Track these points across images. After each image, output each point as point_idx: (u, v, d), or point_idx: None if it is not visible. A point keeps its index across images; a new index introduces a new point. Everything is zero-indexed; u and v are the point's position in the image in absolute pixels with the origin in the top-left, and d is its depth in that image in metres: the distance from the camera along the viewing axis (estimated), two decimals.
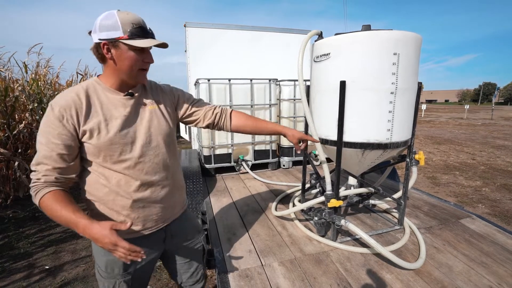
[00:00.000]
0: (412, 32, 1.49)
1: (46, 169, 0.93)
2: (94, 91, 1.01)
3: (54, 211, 0.90)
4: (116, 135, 0.99)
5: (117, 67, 0.98)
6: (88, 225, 0.87)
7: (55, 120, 0.92)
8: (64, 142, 0.93)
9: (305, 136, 1.40)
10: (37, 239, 3.01)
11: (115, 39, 0.92)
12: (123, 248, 0.85)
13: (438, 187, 4.72)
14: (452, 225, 1.96)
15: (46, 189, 0.92)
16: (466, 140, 9.69)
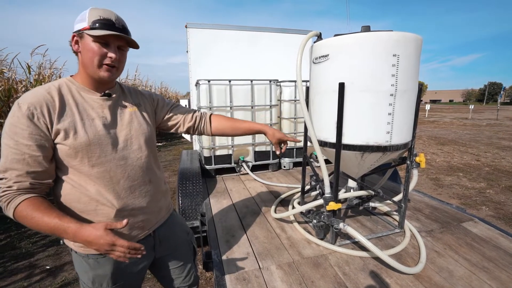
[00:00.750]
0: (413, 32, 1.47)
1: (18, 175, 0.83)
2: (67, 90, 0.94)
3: (34, 220, 0.81)
4: (95, 136, 0.93)
5: (82, 60, 0.93)
6: (79, 228, 0.81)
7: (25, 119, 0.83)
8: (37, 143, 0.84)
9: (286, 137, 1.37)
10: (38, 239, 3.03)
11: (80, 30, 0.89)
12: (122, 247, 0.81)
13: (441, 188, 4.67)
14: (453, 229, 1.93)
15: (20, 197, 0.83)
16: (470, 141, 9.58)
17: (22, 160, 0.83)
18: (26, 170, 0.84)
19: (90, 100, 0.96)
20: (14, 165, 0.83)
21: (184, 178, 2.47)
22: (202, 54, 3.84)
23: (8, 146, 0.83)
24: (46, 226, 0.81)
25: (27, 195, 0.84)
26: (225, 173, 3.36)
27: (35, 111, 0.84)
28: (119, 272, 1.04)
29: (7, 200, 0.83)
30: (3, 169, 0.84)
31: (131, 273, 1.09)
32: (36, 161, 0.85)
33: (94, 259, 1.00)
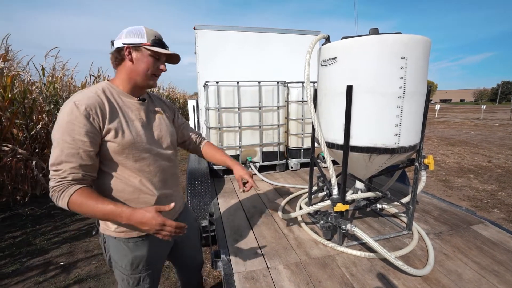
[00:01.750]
0: (422, 31, 1.48)
1: (72, 167, 0.94)
2: (110, 94, 1.07)
3: (90, 207, 0.93)
4: (137, 135, 1.08)
5: (134, 69, 1.07)
6: (133, 212, 0.94)
7: (82, 118, 0.94)
8: (91, 140, 0.96)
9: (246, 175, 1.44)
10: (52, 236, 3.13)
11: (139, 44, 1.04)
12: (170, 226, 0.94)
13: (451, 190, 4.60)
14: (463, 231, 1.92)
15: (74, 187, 0.94)
16: (482, 142, 9.38)
17: (77, 154, 0.94)
18: (80, 163, 0.95)
19: (129, 103, 1.11)
20: (69, 158, 0.94)
21: (192, 178, 2.52)
22: (210, 55, 3.89)
23: (64, 141, 0.93)
24: (100, 212, 0.93)
25: (79, 185, 0.95)
26: (233, 174, 3.39)
27: (91, 111, 0.96)
28: (152, 255, 1.20)
29: (61, 190, 0.93)
30: (58, 161, 0.94)
31: (160, 255, 1.27)
32: (88, 156, 0.97)
33: (133, 243, 1.15)
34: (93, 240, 3.05)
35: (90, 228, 3.33)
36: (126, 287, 1.22)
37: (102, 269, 2.54)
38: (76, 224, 3.43)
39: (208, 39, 3.83)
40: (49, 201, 4.13)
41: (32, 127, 4.29)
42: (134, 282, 1.20)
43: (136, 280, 1.20)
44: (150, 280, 1.23)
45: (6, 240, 3.03)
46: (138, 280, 1.20)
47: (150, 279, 1.23)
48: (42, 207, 3.92)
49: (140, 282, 1.21)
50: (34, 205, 3.91)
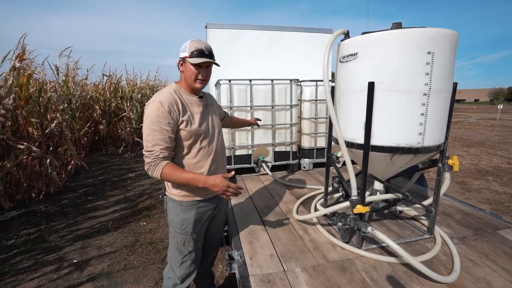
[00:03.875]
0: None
1: (161, 148, 1.29)
2: (179, 93, 1.39)
3: (176, 175, 1.28)
4: (200, 126, 1.40)
5: (185, 76, 1.39)
6: (206, 178, 1.29)
7: (166, 113, 1.28)
8: (171, 128, 1.31)
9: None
10: (66, 234, 3.16)
11: (184, 58, 1.36)
12: (232, 188, 1.29)
13: (469, 193, 4.44)
14: (489, 236, 1.82)
15: (164, 162, 1.29)
16: (499, 143, 9.05)
17: (163, 139, 1.29)
18: (166, 146, 1.30)
19: (191, 100, 1.43)
20: (159, 142, 1.29)
21: None
22: (222, 54, 3.85)
23: (154, 130, 1.28)
24: (184, 178, 1.29)
25: (166, 161, 1.31)
26: (245, 173, 3.36)
27: (172, 108, 1.31)
28: (197, 219, 1.48)
29: (155, 164, 1.28)
30: (151, 145, 1.29)
31: (204, 222, 1.53)
32: (171, 140, 1.32)
33: (185, 205, 1.45)
34: (105, 238, 3.07)
35: (103, 226, 3.36)
36: (175, 244, 1.52)
37: (114, 267, 2.54)
38: (89, 222, 3.46)
39: (219, 37, 3.80)
40: (63, 199, 4.20)
41: (47, 126, 4.37)
42: (181, 241, 1.49)
43: (183, 240, 1.49)
44: (193, 244, 1.51)
45: (21, 237, 3.08)
46: (184, 240, 1.49)
47: (194, 242, 1.51)
48: (56, 204, 3.98)
49: (185, 243, 1.49)
50: (48, 203, 3.97)
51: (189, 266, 1.53)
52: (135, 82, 9.15)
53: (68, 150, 4.75)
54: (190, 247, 1.51)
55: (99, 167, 6.07)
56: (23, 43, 3.88)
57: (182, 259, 1.51)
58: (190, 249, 1.51)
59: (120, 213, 3.71)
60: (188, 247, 1.50)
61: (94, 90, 7.72)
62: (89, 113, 6.90)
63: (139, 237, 3.08)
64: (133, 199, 4.21)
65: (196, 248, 1.55)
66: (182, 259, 1.51)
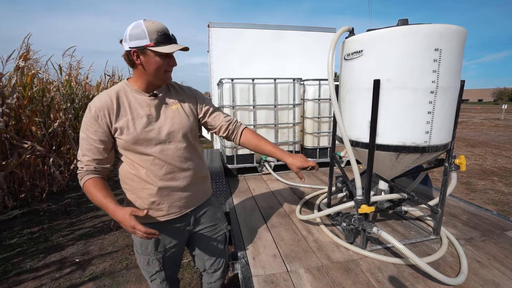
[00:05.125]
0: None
1: (87, 160, 1.11)
2: (124, 93, 1.15)
3: (92, 195, 1.08)
4: (142, 132, 1.14)
5: (146, 71, 1.11)
6: (114, 209, 1.03)
7: (92, 119, 1.09)
8: (99, 138, 1.10)
9: (306, 163, 1.39)
10: (68, 233, 3.17)
11: (143, 47, 1.05)
12: (140, 231, 0.99)
13: (474, 193, 4.39)
14: (497, 237, 1.78)
15: (87, 176, 1.11)
16: (504, 143, 8.96)
17: (90, 150, 1.11)
18: (93, 157, 1.11)
19: (140, 100, 1.16)
20: (86, 152, 1.11)
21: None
22: (224, 53, 3.85)
23: (82, 138, 1.12)
24: (97, 201, 1.07)
25: (91, 175, 1.11)
26: (247, 173, 3.34)
27: (99, 113, 1.09)
28: (159, 240, 1.27)
29: (80, 177, 1.12)
30: (81, 154, 1.13)
31: (169, 244, 1.30)
32: (99, 151, 1.11)
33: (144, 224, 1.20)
34: (107, 238, 3.06)
35: (105, 225, 3.35)
36: (139, 264, 1.34)
37: (116, 267, 2.53)
38: (91, 221, 3.46)
39: (222, 36, 3.79)
40: (66, 198, 4.20)
41: (50, 125, 4.38)
42: (144, 262, 1.30)
43: (146, 261, 1.29)
44: (158, 264, 1.30)
45: (24, 236, 3.08)
46: (147, 261, 1.29)
47: (159, 263, 1.30)
48: (58, 203, 3.99)
49: (149, 263, 1.29)
50: (51, 202, 3.98)
51: (159, 284, 1.35)
52: None
53: (71, 149, 4.76)
54: (155, 267, 1.30)
55: None
56: (27, 43, 3.90)
57: (150, 277, 1.33)
58: (156, 269, 1.31)
59: None
60: (153, 267, 1.30)
61: (96, 89, 7.73)
62: None
63: None
64: None
65: (168, 267, 1.34)
66: (150, 277, 1.34)
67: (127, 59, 1.10)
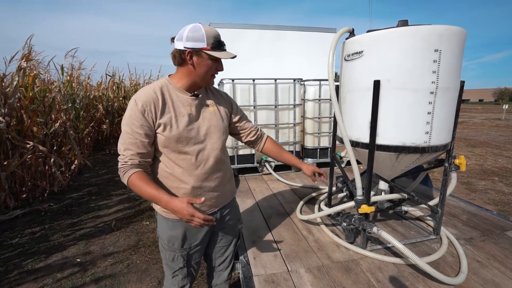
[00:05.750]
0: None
1: (131, 154, 1.12)
2: (167, 90, 1.17)
3: (141, 188, 1.09)
4: (183, 130, 1.16)
5: (195, 72, 1.15)
6: (169, 200, 1.06)
7: (138, 113, 1.09)
8: (145, 132, 1.11)
9: (317, 168, 1.59)
10: (69, 233, 3.18)
11: (199, 49, 1.09)
12: (199, 218, 1.03)
13: (474, 193, 4.39)
14: (496, 237, 1.79)
15: (132, 170, 1.11)
16: (505, 143, 8.95)
17: (135, 144, 1.11)
18: (137, 151, 1.12)
19: (182, 99, 1.19)
20: (130, 146, 1.11)
21: None
22: None
23: (126, 132, 1.12)
24: (147, 193, 1.09)
25: (136, 169, 1.12)
26: (248, 173, 3.35)
27: (146, 108, 1.10)
28: (186, 238, 1.30)
29: (124, 171, 1.12)
30: (124, 148, 1.13)
31: (194, 242, 1.33)
32: (143, 145, 1.12)
33: (171, 222, 1.27)
34: (108, 238, 3.07)
35: (106, 225, 3.37)
36: (164, 259, 1.36)
37: (117, 267, 2.54)
38: (93, 221, 3.47)
39: (222, 37, 3.79)
40: (67, 198, 4.22)
41: (51, 125, 4.39)
42: (169, 258, 1.33)
43: (171, 257, 1.32)
44: (183, 261, 1.32)
45: (26, 236, 3.09)
46: (173, 257, 1.31)
47: (184, 259, 1.32)
48: (60, 203, 4.00)
49: (174, 259, 1.32)
50: (52, 202, 3.99)
51: (181, 280, 1.37)
52: (138, 82, 9.19)
53: (72, 149, 4.78)
54: (180, 263, 1.33)
55: (102, 166, 6.10)
56: (30, 44, 3.91)
57: (173, 273, 1.36)
58: (180, 266, 1.34)
59: (124, 213, 3.72)
60: (177, 263, 1.33)
61: (97, 89, 7.76)
62: (92, 113, 6.94)
63: (142, 237, 3.08)
64: (136, 199, 4.22)
65: (191, 264, 1.38)
66: (172, 273, 1.36)
67: (178, 57, 1.14)
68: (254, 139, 1.53)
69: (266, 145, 1.56)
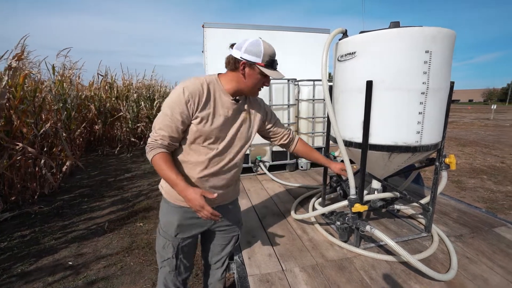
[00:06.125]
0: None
1: (164, 135, 1.17)
2: (213, 87, 1.24)
3: (162, 168, 1.15)
4: (215, 129, 1.23)
5: (244, 81, 1.24)
6: (185, 188, 1.13)
7: (183, 102, 1.16)
8: (183, 119, 1.18)
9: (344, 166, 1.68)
10: (61, 235, 3.12)
11: (254, 63, 1.19)
12: (207, 211, 1.12)
13: (464, 191, 4.48)
14: (485, 234, 1.84)
15: (159, 149, 1.17)
16: (494, 142, 9.17)
17: (170, 127, 1.17)
18: (170, 134, 1.18)
19: (224, 100, 1.26)
20: (164, 128, 1.17)
21: None
22: (219, 54, 3.82)
23: (166, 115, 1.17)
24: (166, 175, 1.16)
25: (163, 149, 1.18)
26: (242, 173, 3.33)
27: (191, 99, 1.17)
28: (180, 227, 1.33)
29: (152, 148, 1.18)
30: (158, 127, 1.18)
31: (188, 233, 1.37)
32: (177, 130, 1.19)
33: (171, 207, 1.32)
34: (101, 240, 3.03)
35: (99, 227, 3.32)
36: (157, 245, 1.41)
37: (111, 269, 2.51)
38: (85, 223, 3.42)
39: (217, 37, 3.79)
40: (58, 200, 4.14)
41: (41, 126, 4.31)
42: (161, 243, 1.37)
43: (163, 243, 1.36)
44: (173, 251, 1.35)
45: (15, 239, 3.03)
46: (164, 243, 1.36)
47: (173, 250, 1.35)
48: (50, 205, 3.93)
49: (165, 246, 1.36)
50: (43, 204, 3.92)
51: (168, 274, 1.39)
52: (130, 82, 9.09)
53: (63, 150, 4.70)
54: (169, 253, 1.36)
55: (94, 167, 6.01)
56: (23, 44, 3.82)
57: (162, 262, 1.39)
58: (169, 256, 1.36)
59: (117, 214, 3.68)
60: (167, 252, 1.36)
61: (89, 89, 7.64)
62: (84, 113, 6.83)
63: (136, 238, 3.05)
64: (130, 200, 4.17)
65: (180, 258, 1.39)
66: (161, 262, 1.39)
67: (232, 63, 1.23)
68: (286, 142, 1.61)
69: (297, 147, 1.65)
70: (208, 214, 1.12)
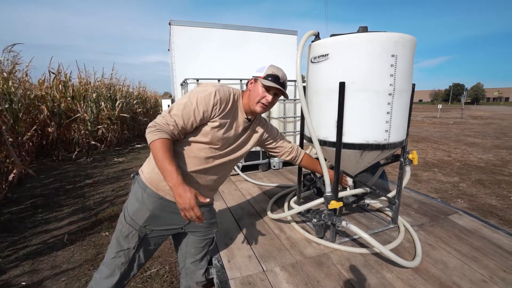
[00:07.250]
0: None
1: (177, 123, 1.18)
2: (236, 101, 1.36)
3: (159, 154, 1.12)
4: (222, 138, 1.31)
5: (249, 94, 1.36)
6: (180, 183, 1.10)
7: (210, 103, 1.22)
8: (201, 116, 1.22)
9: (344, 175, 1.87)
10: (10, 253, 2.76)
11: (257, 77, 1.35)
12: (195, 213, 1.10)
13: (420, 184, 4.92)
14: (442, 222, 2.03)
15: (164, 134, 1.15)
16: (441, 138, 10.21)
17: (187, 119, 1.20)
18: (181, 124, 1.20)
19: (239, 117, 1.39)
20: (180, 116, 1.19)
21: None
22: (187, 53, 3.72)
23: (188, 105, 1.20)
24: (163, 164, 1.11)
25: (168, 136, 1.17)
26: None
27: (217, 105, 1.24)
28: (154, 217, 1.30)
29: (158, 130, 1.15)
30: (174, 113, 1.19)
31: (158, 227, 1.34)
32: (190, 123, 1.21)
33: (148, 194, 1.27)
34: (60, 254, 2.75)
35: (57, 240, 3.01)
36: (118, 232, 1.33)
37: (73, 285, 2.29)
38: (39, 237, 3.07)
39: (185, 35, 3.66)
40: (4, 213, 3.67)
41: None
42: (124, 232, 1.30)
43: (127, 231, 1.30)
44: (137, 241, 1.31)
45: None
46: (129, 232, 1.29)
47: (138, 240, 1.31)
48: None
49: (129, 236, 1.30)
50: None
51: (120, 265, 1.31)
52: (88, 81, 8.40)
53: (10, 156, 4.18)
54: (132, 243, 1.30)
55: (49, 174, 5.45)
56: None
57: (117, 253, 1.30)
58: (130, 246, 1.30)
59: (78, 225, 3.37)
60: (130, 241, 1.29)
61: (40, 88, 6.90)
62: (34, 115, 6.15)
63: (102, 249, 2.83)
64: (93, 208, 3.85)
65: (139, 251, 1.34)
66: (117, 252, 1.30)
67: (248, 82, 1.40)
68: (290, 157, 1.72)
69: (303, 161, 1.77)
70: (194, 216, 1.11)
